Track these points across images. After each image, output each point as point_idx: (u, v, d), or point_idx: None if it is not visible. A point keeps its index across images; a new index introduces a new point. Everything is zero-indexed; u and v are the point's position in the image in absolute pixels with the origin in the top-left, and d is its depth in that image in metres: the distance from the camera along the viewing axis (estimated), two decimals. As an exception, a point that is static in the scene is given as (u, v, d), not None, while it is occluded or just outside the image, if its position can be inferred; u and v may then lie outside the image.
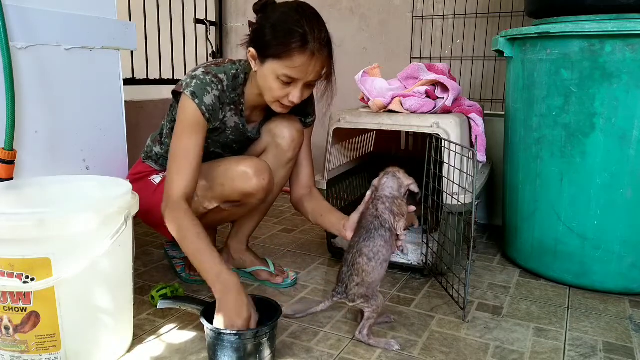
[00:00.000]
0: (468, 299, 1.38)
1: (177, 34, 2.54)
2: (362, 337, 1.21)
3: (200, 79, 1.25)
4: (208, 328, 1.07)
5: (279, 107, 1.30)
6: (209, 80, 1.26)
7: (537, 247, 1.62)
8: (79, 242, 1.00)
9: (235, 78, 1.32)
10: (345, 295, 1.19)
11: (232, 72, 1.32)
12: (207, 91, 1.24)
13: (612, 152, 1.43)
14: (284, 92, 1.25)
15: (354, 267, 1.18)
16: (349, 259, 1.20)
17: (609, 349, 1.22)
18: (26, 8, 1.26)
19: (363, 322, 1.21)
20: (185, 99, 1.24)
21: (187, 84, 1.24)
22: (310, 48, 1.18)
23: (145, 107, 2.31)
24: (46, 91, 1.34)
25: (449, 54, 2.38)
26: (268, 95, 1.28)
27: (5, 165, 1.21)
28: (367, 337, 1.20)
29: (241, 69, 1.34)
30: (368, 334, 1.20)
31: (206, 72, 1.27)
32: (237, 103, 1.35)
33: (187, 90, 1.23)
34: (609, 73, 1.39)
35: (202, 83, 1.25)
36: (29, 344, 1.00)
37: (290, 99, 1.25)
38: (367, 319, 1.20)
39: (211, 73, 1.27)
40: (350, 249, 1.21)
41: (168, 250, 1.73)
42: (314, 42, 1.18)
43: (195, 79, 1.25)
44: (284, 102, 1.27)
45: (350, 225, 1.29)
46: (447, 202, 1.50)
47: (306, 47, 1.18)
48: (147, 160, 1.49)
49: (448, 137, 1.49)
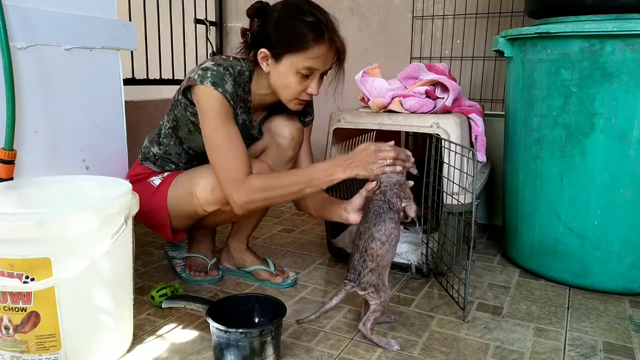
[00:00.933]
0: (468, 299, 1.38)
1: (177, 34, 2.53)
2: (366, 331, 1.20)
3: (215, 70, 1.25)
4: (214, 327, 1.07)
5: (296, 105, 1.32)
6: (222, 71, 1.26)
7: (537, 247, 1.62)
8: (79, 242, 1.00)
9: (240, 74, 1.33)
10: (357, 282, 1.18)
11: (238, 68, 1.32)
12: (225, 80, 1.25)
13: (612, 152, 1.43)
14: (303, 86, 1.27)
15: (366, 253, 1.17)
16: (360, 245, 1.18)
17: (609, 349, 1.22)
18: (26, 8, 1.26)
19: (368, 315, 1.20)
20: (207, 89, 1.23)
21: (203, 76, 1.23)
22: (326, 36, 1.22)
23: (145, 107, 2.31)
24: (46, 91, 1.34)
25: (449, 54, 2.38)
26: (286, 93, 1.29)
27: (5, 165, 1.21)
28: (370, 331, 1.20)
29: (246, 67, 1.34)
30: (371, 328, 1.20)
31: (217, 64, 1.28)
32: (246, 100, 1.36)
33: (206, 81, 1.23)
34: (609, 73, 1.39)
35: (218, 73, 1.25)
36: (29, 344, 1.00)
37: (309, 91, 1.28)
38: (372, 312, 1.19)
39: (222, 65, 1.28)
40: (360, 235, 1.19)
41: (168, 251, 1.73)
42: (328, 31, 1.22)
43: (209, 71, 1.25)
44: (302, 97, 1.29)
45: (353, 207, 1.28)
46: (447, 202, 1.50)
47: (323, 36, 1.21)
48: (145, 161, 1.49)
49: (448, 137, 1.49)
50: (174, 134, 1.42)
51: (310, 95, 1.30)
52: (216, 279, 1.55)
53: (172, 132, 1.41)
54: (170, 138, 1.43)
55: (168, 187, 1.39)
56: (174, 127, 1.41)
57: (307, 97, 1.30)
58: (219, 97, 1.23)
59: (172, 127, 1.41)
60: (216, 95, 1.23)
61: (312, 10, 1.23)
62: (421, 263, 1.61)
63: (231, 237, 1.60)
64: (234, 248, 1.59)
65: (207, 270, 1.57)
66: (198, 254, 1.62)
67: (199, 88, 1.24)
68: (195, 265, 1.58)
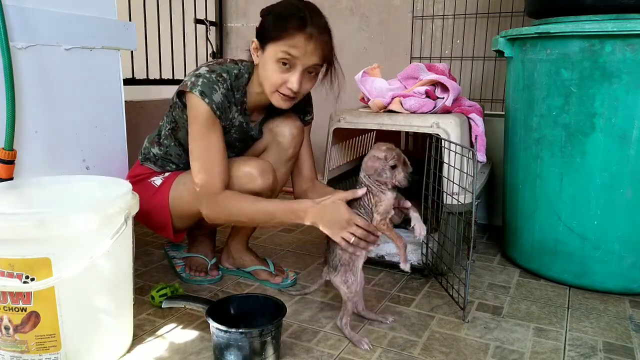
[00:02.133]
0: (468, 299, 1.38)
1: (177, 34, 2.53)
2: (340, 325, 1.24)
3: (207, 78, 1.25)
4: (214, 327, 1.07)
5: (278, 99, 1.31)
6: (215, 79, 1.26)
7: (537, 247, 1.62)
8: (79, 242, 1.00)
9: (237, 78, 1.33)
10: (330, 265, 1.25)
11: (235, 72, 1.32)
12: (214, 90, 1.25)
13: (612, 152, 1.43)
14: (283, 77, 1.26)
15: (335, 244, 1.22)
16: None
17: (609, 349, 1.22)
18: (26, 8, 1.26)
19: (342, 309, 1.25)
20: (195, 98, 1.24)
21: (194, 83, 1.24)
22: (308, 30, 1.22)
23: (145, 107, 2.31)
24: (46, 91, 1.34)
25: (449, 54, 2.38)
26: (267, 84, 1.29)
27: (5, 165, 1.21)
28: (344, 326, 1.23)
29: (244, 69, 1.35)
30: (346, 323, 1.23)
31: (210, 70, 1.28)
32: (241, 102, 1.36)
33: (195, 89, 1.24)
34: (609, 73, 1.39)
35: (209, 82, 1.25)
36: (29, 344, 1.00)
37: (289, 85, 1.26)
38: (344, 303, 1.24)
39: (215, 72, 1.28)
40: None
41: (168, 251, 1.73)
42: (313, 26, 1.23)
43: (201, 78, 1.25)
44: (282, 90, 1.28)
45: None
46: (447, 202, 1.50)
47: (304, 28, 1.22)
48: (146, 162, 1.49)
49: (448, 137, 1.49)
50: (173, 135, 1.42)
51: (290, 89, 1.27)
52: (216, 279, 1.55)
53: (172, 133, 1.42)
54: (170, 139, 1.43)
55: (169, 187, 1.39)
56: (172, 129, 1.41)
57: (287, 92, 1.27)
58: (205, 108, 1.24)
59: (171, 128, 1.41)
60: (202, 106, 1.24)
61: (304, 7, 1.25)
62: (421, 263, 1.61)
63: (231, 237, 1.60)
64: (234, 248, 1.59)
65: (207, 270, 1.57)
66: (198, 254, 1.62)
67: (189, 95, 1.26)
68: (195, 265, 1.58)
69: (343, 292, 1.24)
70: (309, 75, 1.30)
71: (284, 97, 1.30)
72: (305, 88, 1.31)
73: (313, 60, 1.25)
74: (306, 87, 1.31)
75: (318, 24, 1.24)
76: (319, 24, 1.25)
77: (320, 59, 1.27)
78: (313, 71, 1.29)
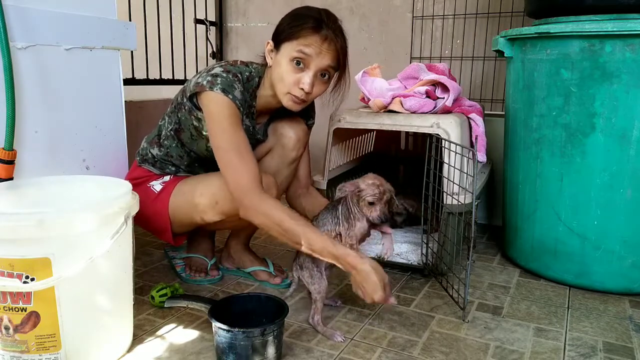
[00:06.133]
0: (468, 299, 1.38)
1: (177, 34, 2.53)
2: (313, 323, 1.27)
3: (224, 77, 1.26)
4: (216, 326, 1.07)
5: (290, 101, 1.30)
6: (232, 78, 1.27)
7: (537, 247, 1.62)
8: (79, 242, 1.00)
9: (248, 80, 1.33)
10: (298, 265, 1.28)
11: (246, 74, 1.32)
12: (234, 87, 1.26)
13: (612, 152, 1.43)
14: (296, 77, 1.26)
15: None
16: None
17: (609, 349, 1.22)
18: (26, 8, 1.26)
19: (312, 307, 1.27)
20: (217, 96, 1.23)
21: (212, 82, 1.24)
22: (323, 32, 1.23)
23: (145, 107, 2.31)
24: (46, 91, 1.34)
25: (449, 54, 2.38)
26: (280, 84, 1.29)
27: (5, 165, 1.21)
28: (316, 323, 1.26)
29: (255, 72, 1.35)
30: (318, 320, 1.26)
31: (226, 70, 1.28)
32: (250, 106, 1.36)
33: (216, 87, 1.23)
34: (609, 73, 1.39)
35: (228, 80, 1.25)
36: (29, 344, 1.00)
37: (301, 85, 1.26)
38: (314, 301, 1.27)
39: (231, 72, 1.28)
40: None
41: (168, 251, 1.73)
42: (329, 29, 1.24)
43: (219, 77, 1.25)
44: (294, 92, 1.27)
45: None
46: (447, 202, 1.50)
47: (320, 29, 1.23)
48: (144, 163, 1.47)
49: (448, 137, 1.49)
50: (176, 136, 1.41)
51: (302, 90, 1.26)
52: (216, 279, 1.55)
53: (175, 134, 1.40)
54: (172, 140, 1.42)
55: (169, 195, 1.38)
56: (176, 130, 1.39)
57: (299, 93, 1.27)
58: (230, 103, 1.24)
59: (174, 129, 1.40)
60: (227, 102, 1.23)
61: (320, 11, 1.27)
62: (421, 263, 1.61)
63: (231, 238, 1.60)
64: (234, 248, 1.59)
65: (207, 271, 1.57)
66: (198, 254, 1.62)
67: (208, 94, 1.24)
68: (195, 265, 1.58)
69: (312, 290, 1.26)
70: (322, 78, 1.29)
71: (295, 99, 1.29)
72: (317, 91, 1.31)
73: (327, 61, 1.25)
74: (317, 90, 1.30)
75: (334, 27, 1.26)
76: (335, 28, 1.26)
77: (334, 61, 1.27)
78: (326, 74, 1.29)
